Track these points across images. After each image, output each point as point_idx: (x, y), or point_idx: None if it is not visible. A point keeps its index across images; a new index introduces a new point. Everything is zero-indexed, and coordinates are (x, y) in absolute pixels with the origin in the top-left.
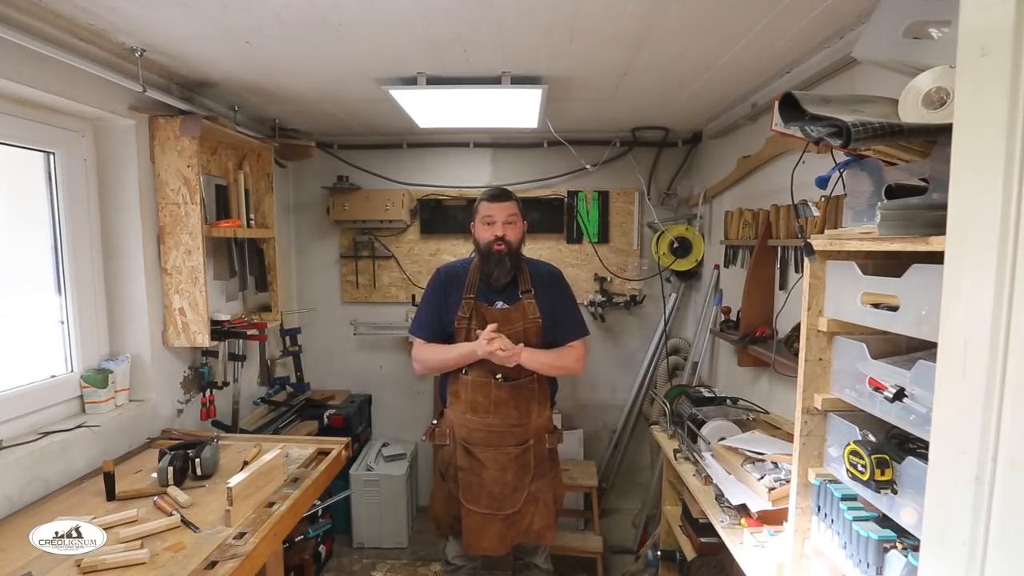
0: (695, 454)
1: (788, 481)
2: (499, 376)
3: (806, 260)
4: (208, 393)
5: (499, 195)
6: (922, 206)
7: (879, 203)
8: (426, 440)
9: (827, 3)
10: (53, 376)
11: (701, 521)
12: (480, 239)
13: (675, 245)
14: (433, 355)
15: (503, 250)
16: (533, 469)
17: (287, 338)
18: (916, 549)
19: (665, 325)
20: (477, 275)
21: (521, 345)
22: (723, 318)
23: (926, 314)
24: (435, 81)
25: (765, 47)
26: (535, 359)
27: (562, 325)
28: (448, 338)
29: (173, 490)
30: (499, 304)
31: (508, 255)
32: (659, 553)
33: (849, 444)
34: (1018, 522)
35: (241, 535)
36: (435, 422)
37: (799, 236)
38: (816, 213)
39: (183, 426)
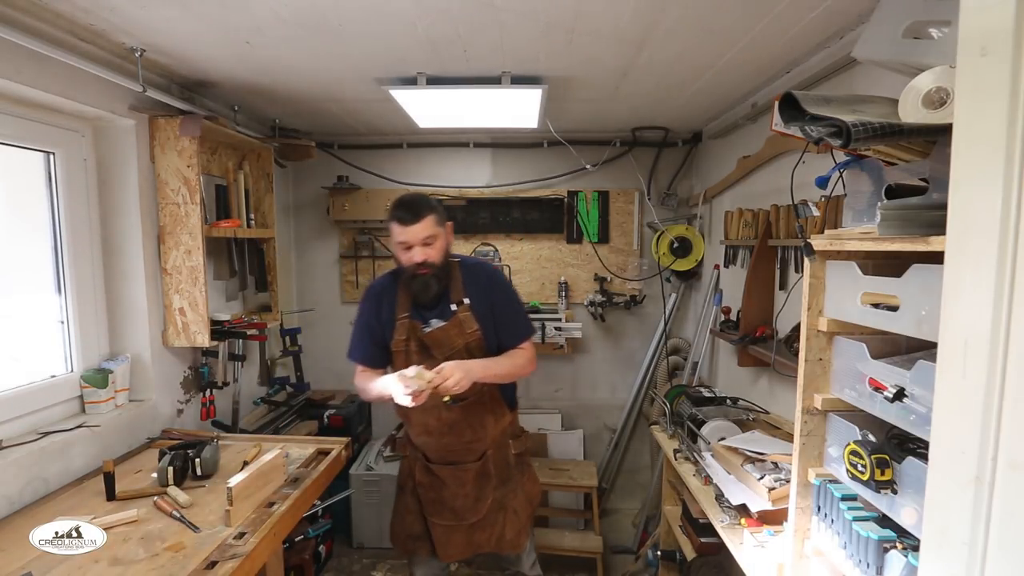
0: (695, 454)
1: (788, 481)
2: (447, 399)
3: (806, 260)
4: (208, 393)
5: (409, 216)
6: (922, 206)
7: (879, 203)
8: (386, 451)
9: (827, 3)
10: (53, 376)
11: (701, 521)
12: (401, 261)
13: (675, 245)
14: (362, 387)
15: (428, 273)
16: (494, 477)
17: (287, 338)
18: (916, 549)
19: (665, 325)
20: (408, 291)
21: (463, 367)
22: (723, 318)
23: (926, 314)
24: (435, 81)
25: (765, 47)
26: (489, 372)
27: (507, 328)
28: (389, 358)
29: (173, 490)
30: (433, 322)
31: (434, 276)
32: (659, 553)
33: (849, 444)
34: (1018, 522)
35: (241, 535)
36: (395, 432)
37: (799, 236)
38: (816, 213)
39: (183, 426)
